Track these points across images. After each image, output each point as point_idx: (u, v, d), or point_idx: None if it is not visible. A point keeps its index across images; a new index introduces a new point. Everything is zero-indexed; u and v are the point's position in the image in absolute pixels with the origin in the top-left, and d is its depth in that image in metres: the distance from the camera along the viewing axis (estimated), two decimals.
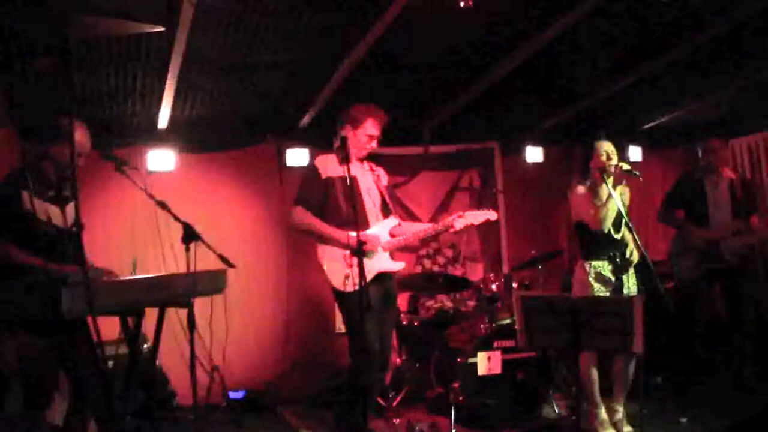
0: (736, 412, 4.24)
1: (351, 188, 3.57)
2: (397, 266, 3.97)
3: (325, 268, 3.87)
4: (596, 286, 4.12)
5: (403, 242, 3.99)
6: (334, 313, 5.80)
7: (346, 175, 3.52)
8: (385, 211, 4.05)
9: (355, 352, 3.81)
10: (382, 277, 3.88)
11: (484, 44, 4.21)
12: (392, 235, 4.00)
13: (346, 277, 3.77)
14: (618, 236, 4.15)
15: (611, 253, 4.13)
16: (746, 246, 5.08)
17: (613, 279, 4.13)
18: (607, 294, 4.09)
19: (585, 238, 4.22)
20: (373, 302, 3.57)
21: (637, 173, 4.05)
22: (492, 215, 4.17)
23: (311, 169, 4.01)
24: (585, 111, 5.83)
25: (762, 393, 4.69)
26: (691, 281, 5.09)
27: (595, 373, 4.19)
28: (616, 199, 4.00)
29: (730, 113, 6.11)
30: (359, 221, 3.61)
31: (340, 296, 3.84)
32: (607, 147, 4.20)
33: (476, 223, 4.13)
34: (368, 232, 3.86)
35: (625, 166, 4.05)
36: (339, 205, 3.86)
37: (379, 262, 3.88)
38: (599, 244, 4.15)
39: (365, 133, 3.90)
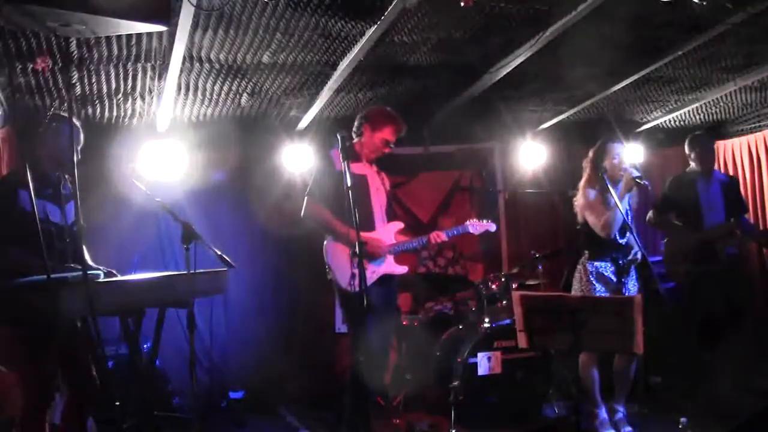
0: (736, 413, 4.24)
1: (349, 189, 3.56)
2: (401, 269, 3.99)
3: (332, 267, 3.87)
4: (597, 286, 4.13)
5: (407, 246, 4.00)
6: (334, 313, 5.80)
7: (348, 173, 3.51)
8: (389, 215, 4.07)
9: (357, 351, 3.81)
10: (385, 279, 3.90)
11: (484, 44, 4.21)
12: (396, 239, 4.01)
13: (353, 276, 3.78)
14: (623, 241, 4.16)
15: (614, 255, 4.13)
16: (741, 245, 5.09)
17: (614, 280, 4.14)
18: (608, 294, 4.09)
19: (589, 239, 4.22)
20: (377, 303, 3.59)
21: (647, 182, 4.07)
22: (492, 227, 4.20)
23: (326, 160, 4.00)
24: (585, 111, 5.83)
25: (762, 393, 4.69)
26: (687, 283, 5.08)
27: (595, 373, 4.19)
28: (620, 205, 4.00)
29: (730, 113, 6.11)
30: (364, 221, 3.63)
31: (346, 296, 3.85)
32: (620, 150, 4.20)
33: (476, 233, 4.17)
34: (374, 235, 3.87)
35: (635, 173, 4.05)
36: (348, 202, 3.86)
37: (384, 265, 3.90)
38: (603, 246, 4.16)
39: (382, 137, 3.92)
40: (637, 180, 4.05)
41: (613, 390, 4.25)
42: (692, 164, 5.17)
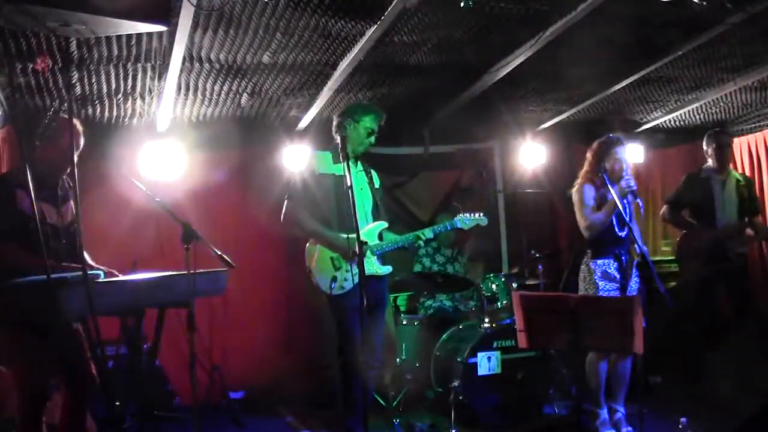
0: (736, 413, 4.24)
1: (350, 188, 3.54)
2: (385, 270, 3.95)
3: (312, 271, 3.87)
4: (601, 284, 4.13)
5: (392, 246, 3.97)
6: None
7: (344, 173, 3.48)
8: (375, 214, 4.03)
9: (343, 353, 3.81)
10: (369, 280, 3.85)
11: (484, 44, 4.21)
12: (381, 239, 3.98)
13: (333, 279, 3.78)
14: (622, 233, 4.17)
15: (616, 251, 4.14)
16: (750, 245, 5.10)
17: (619, 276, 4.14)
18: (613, 292, 4.09)
19: (591, 237, 4.22)
20: (359, 305, 3.56)
21: (639, 201, 4.08)
22: (483, 221, 4.16)
23: (306, 164, 4.00)
24: (585, 111, 5.83)
25: (762, 393, 4.68)
26: (697, 282, 5.08)
27: (603, 371, 4.17)
28: (618, 202, 4.00)
29: (730, 113, 6.11)
30: (347, 222, 3.58)
31: (328, 299, 3.85)
32: (622, 154, 4.20)
33: (466, 228, 4.13)
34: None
35: (633, 186, 4.03)
36: (329, 204, 3.85)
37: (367, 266, 3.86)
38: (604, 241, 4.16)
39: (365, 127, 3.88)
40: (630, 192, 4.04)
41: (612, 390, 4.25)
42: (708, 161, 5.14)
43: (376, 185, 4.10)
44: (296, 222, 3.90)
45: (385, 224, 4.02)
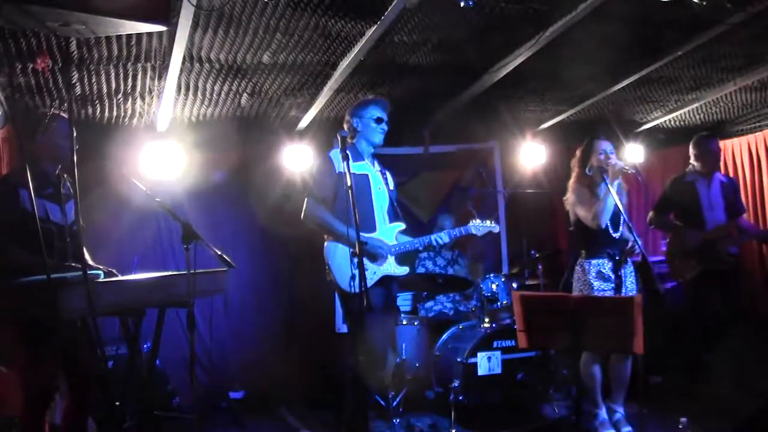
0: (736, 413, 4.24)
1: (350, 189, 3.54)
2: (402, 271, 3.96)
3: (331, 268, 3.87)
4: (596, 284, 4.13)
5: (409, 247, 3.98)
6: (334, 313, 5.81)
7: (348, 173, 3.49)
8: (392, 215, 4.03)
9: (357, 352, 3.81)
10: (386, 280, 3.88)
11: (484, 44, 4.21)
12: (398, 240, 3.99)
13: (352, 277, 3.77)
14: (616, 235, 4.17)
15: (610, 251, 4.14)
16: (741, 245, 5.10)
17: (613, 276, 4.14)
18: (608, 292, 4.09)
19: (584, 236, 4.24)
20: (377, 304, 3.58)
21: (634, 171, 4.07)
22: (495, 228, 4.17)
23: (326, 161, 3.96)
24: (585, 111, 5.83)
25: (762, 393, 4.68)
26: (689, 283, 5.09)
27: (597, 372, 4.18)
28: (614, 197, 4.00)
29: (730, 113, 6.11)
30: (365, 222, 3.60)
31: (346, 296, 3.84)
32: (605, 146, 4.22)
33: (479, 234, 4.14)
34: (375, 235, 3.85)
35: (620, 164, 4.08)
36: (349, 202, 3.84)
37: (386, 266, 3.88)
38: (599, 242, 4.16)
39: (371, 117, 3.89)
40: (624, 170, 4.06)
41: (612, 390, 4.25)
42: (694, 164, 5.15)
43: (391, 187, 4.10)
44: (317, 220, 3.90)
45: (402, 225, 4.03)
